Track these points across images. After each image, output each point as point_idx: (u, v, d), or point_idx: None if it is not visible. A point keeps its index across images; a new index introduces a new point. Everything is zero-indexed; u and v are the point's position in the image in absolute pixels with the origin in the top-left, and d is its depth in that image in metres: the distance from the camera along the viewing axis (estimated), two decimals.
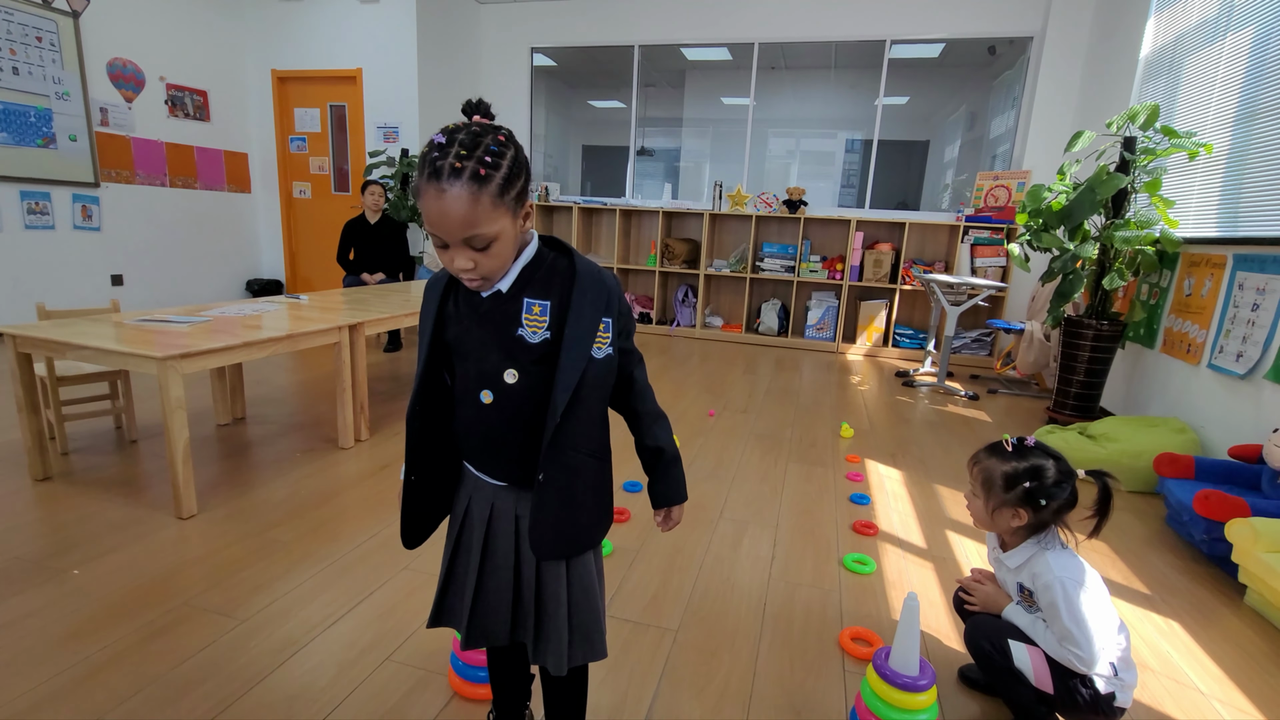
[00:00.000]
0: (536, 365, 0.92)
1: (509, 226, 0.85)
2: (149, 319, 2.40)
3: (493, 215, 0.82)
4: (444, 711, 1.30)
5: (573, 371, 0.89)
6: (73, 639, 1.47)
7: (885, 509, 2.39)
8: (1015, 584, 1.29)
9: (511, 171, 0.83)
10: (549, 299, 0.91)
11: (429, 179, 0.81)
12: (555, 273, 0.93)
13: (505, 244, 0.86)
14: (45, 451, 2.27)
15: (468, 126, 0.84)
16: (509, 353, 0.92)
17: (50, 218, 4.58)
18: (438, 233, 0.83)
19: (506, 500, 0.98)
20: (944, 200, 6.20)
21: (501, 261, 0.88)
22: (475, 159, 0.80)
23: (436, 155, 0.80)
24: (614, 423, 1.03)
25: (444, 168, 0.80)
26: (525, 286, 0.92)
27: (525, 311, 0.91)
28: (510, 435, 0.94)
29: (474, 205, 0.81)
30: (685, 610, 1.69)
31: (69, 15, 4.53)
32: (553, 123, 6.97)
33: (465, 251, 0.84)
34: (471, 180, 0.80)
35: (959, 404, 4.05)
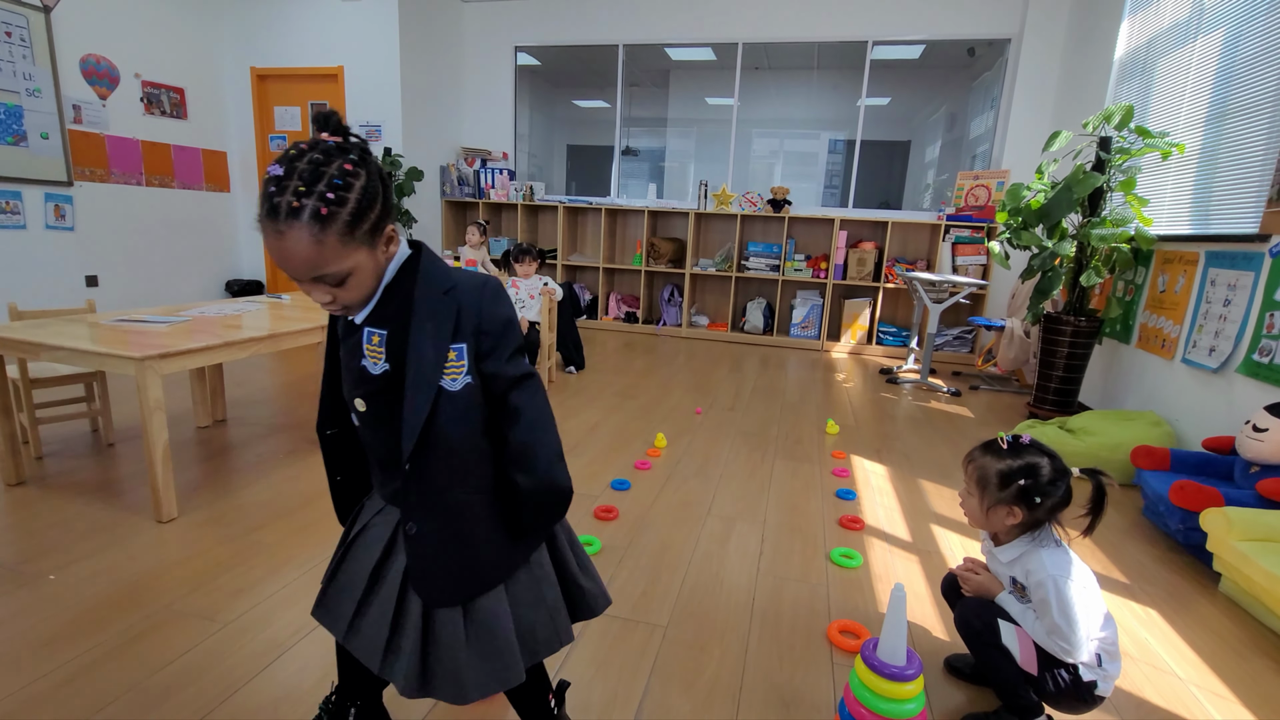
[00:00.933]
0: (381, 396, 0.86)
1: (365, 259, 0.79)
2: (126, 319, 2.36)
3: (341, 254, 0.75)
4: (431, 713, 1.29)
5: (418, 411, 0.82)
6: (49, 645, 1.43)
7: (871, 503, 2.41)
8: (1008, 577, 1.31)
9: (361, 204, 0.75)
10: (385, 328, 0.85)
11: (266, 216, 0.73)
12: (395, 297, 0.85)
13: (363, 276, 0.80)
14: (18, 455, 2.22)
15: (313, 149, 0.75)
16: (356, 382, 0.88)
17: (21, 217, 4.47)
18: (286, 272, 0.77)
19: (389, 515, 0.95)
20: (925, 200, 6.27)
21: (362, 292, 0.82)
22: (316, 195, 0.72)
23: (273, 190, 0.72)
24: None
25: (281, 206, 0.72)
26: (374, 315, 0.86)
27: (365, 341, 0.86)
28: (378, 458, 0.92)
29: (317, 247, 0.73)
30: (675, 606, 1.69)
31: (40, 10, 4.43)
32: (537, 122, 6.94)
33: (320, 287, 0.79)
34: (312, 220, 0.72)
35: (942, 400, 4.10)
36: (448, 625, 0.90)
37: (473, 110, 6.53)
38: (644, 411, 3.46)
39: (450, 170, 6.28)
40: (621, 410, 3.46)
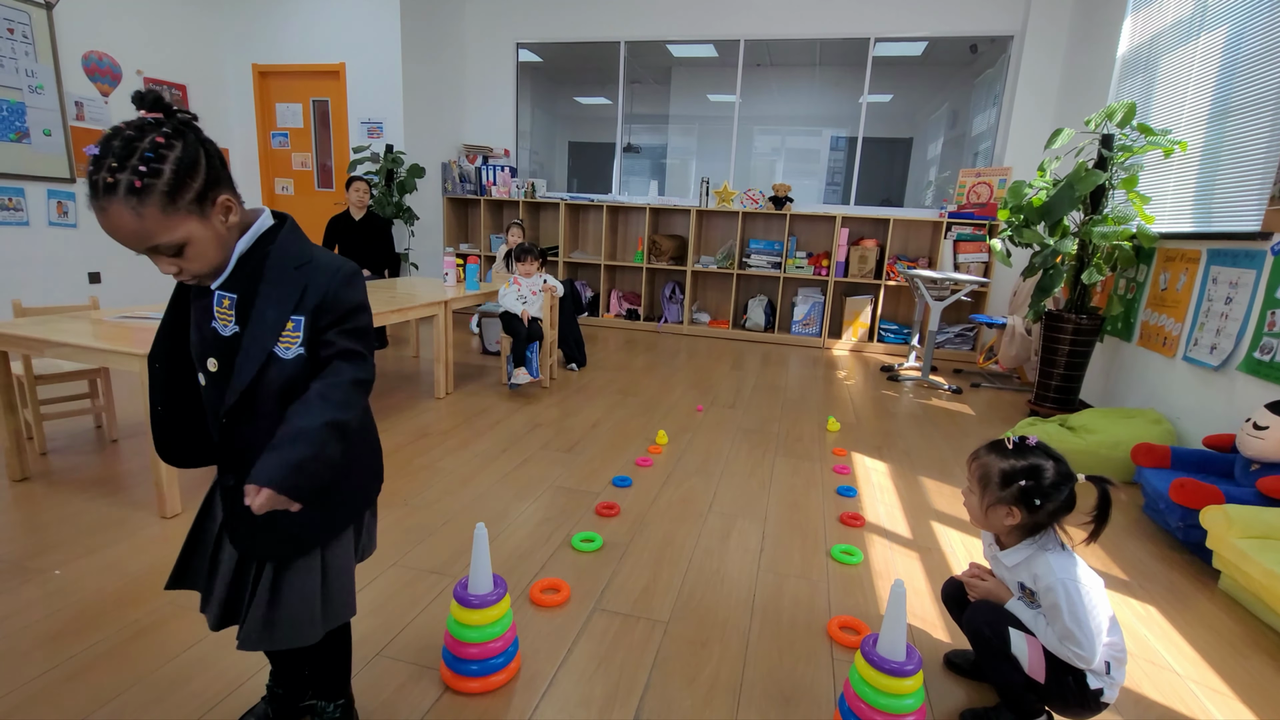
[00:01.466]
0: (232, 357, 0.90)
1: (197, 229, 0.81)
2: (130, 316, 2.37)
3: (166, 224, 0.78)
4: (436, 705, 1.30)
5: (246, 371, 0.87)
6: (55, 640, 1.45)
7: (872, 501, 2.42)
8: (1015, 582, 1.31)
9: (178, 174, 0.77)
10: (236, 292, 0.89)
11: (90, 197, 0.77)
12: (249, 264, 0.89)
13: (202, 246, 0.83)
14: (23, 452, 2.23)
15: (128, 127, 0.77)
16: (206, 342, 0.92)
17: (24, 214, 4.48)
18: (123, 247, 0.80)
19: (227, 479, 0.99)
20: (927, 197, 6.27)
21: (206, 261, 0.85)
22: (129, 170, 0.74)
23: (91, 170, 0.76)
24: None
25: (99, 183, 0.75)
26: (229, 279, 0.89)
27: (216, 304, 0.89)
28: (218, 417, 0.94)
29: (138, 219, 0.76)
30: (675, 603, 1.70)
31: (42, 7, 4.43)
32: (539, 119, 6.94)
33: (161, 259, 0.82)
34: (128, 194, 0.75)
35: (943, 398, 4.10)
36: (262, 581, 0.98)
37: (474, 107, 6.52)
38: (645, 409, 3.46)
39: (452, 167, 6.28)
40: (623, 407, 3.47)
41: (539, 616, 1.61)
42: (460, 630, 1.32)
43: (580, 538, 1.98)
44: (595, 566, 1.86)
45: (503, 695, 1.34)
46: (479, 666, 1.33)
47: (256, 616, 0.96)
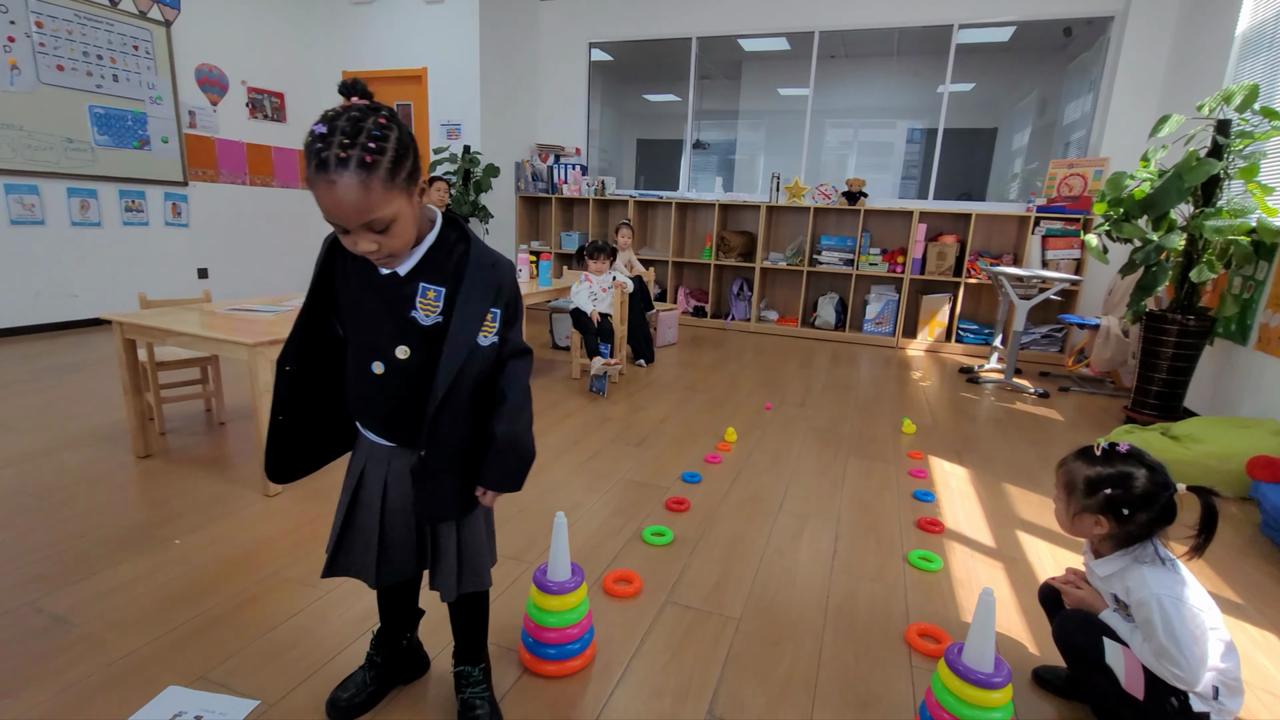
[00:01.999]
0: (427, 345, 0.96)
1: (405, 206, 0.87)
2: (237, 308, 2.56)
3: (386, 199, 0.84)
4: (516, 685, 1.35)
5: (456, 358, 0.94)
6: (177, 601, 1.59)
7: (951, 507, 2.33)
8: (1109, 593, 1.24)
9: (398, 153, 0.84)
10: (444, 285, 0.95)
11: (317, 171, 0.81)
12: (452, 258, 0.96)
13: (405, 223, 0.88)
14: (146, 431, 2.45)
15: (347, 111, 0.83)
16: (402, 331, 0.96)
17: (145, 215, 4.92)
18: (335, 222, 0.85)
19: (401, 459, 1.05)
20: (1012, 190, 5.95)
21: (404, 240, 0.90)
22: (359, 146, 0.80)
23: (320, 146, 0.80)
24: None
25: (329, 159, 0.80)
26: (422, 271, 0.95)
27: (420, 296, 0.95)
28: (400, 405, 0.99)
29: (365, 192, 0.81)
30: (747, 600, 1.69)
31: (162, 25, 4.84)
32: (607, 117, 7.02)
33: (367, 235, 0.86)
34: (359, 168, 0.80)
35: (1028, 402, 3.89)
36: (446, 540, 1.08)
37: (547, 107, 6.66)
38: (713, 405, 3.46)
39: (525, 166, 6.44)
40: (690, 404, 3.48)
41: (612, 606, 1.64)
42: (539, 615, 1.37)
43: (651, 531, 2.00)
44: (666, 560, 1.87)
45: (578, 680, 1.37)
46: (556, 651, 1.37)
47: (450, 568, 1.08)
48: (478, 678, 1.23)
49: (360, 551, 1.10)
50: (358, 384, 1.02)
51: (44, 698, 1.26)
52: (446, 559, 1.08)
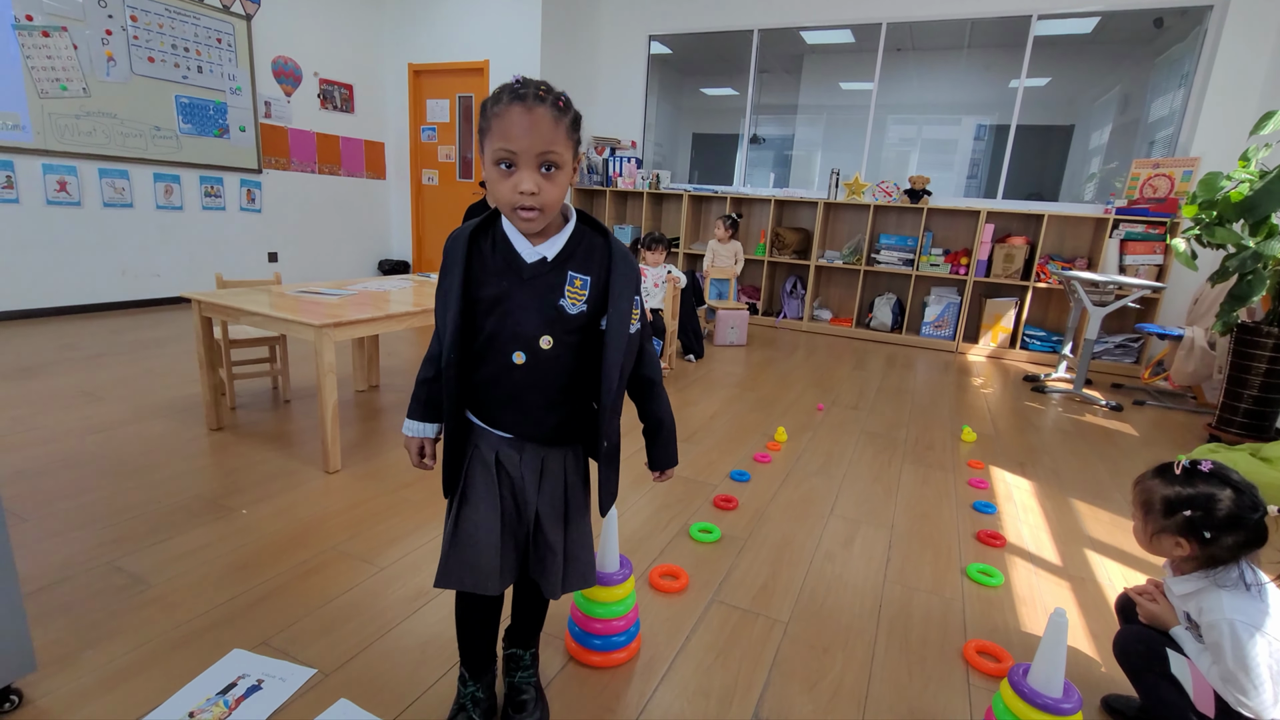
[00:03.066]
0: (571, 335, 0.97)
1: (569, 163, 0.92)
2: (305, 291, 2.66)
3: (566, 142, 0.90)
4: (562, 673, 1.36)
5: (619, 350, 0.96)
6: (244, 569, 1.66)
7: (1013, 520, 2.23)
8: (1182, 611, 1.17)
9: (575, 118, 0.93)
10: (590, 274, 0.97)
11: (514, 100, 0.87)
12: (594, 249, 0.99)
13: (564, 178, 0.92)
14: (219, 405, 2.58)
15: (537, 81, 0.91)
16: (548, 319, 0.96)
17: (222, 200, 5.17)
18: (517, 148, 0.88)
19: (511, 452, 1.03)
20: (1088, 191, 5.64)
21: (558, 194, 0.92)
22: (554, 95, 0.90)
23: (519, 86, 0.88)
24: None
25: (529, 94, 0.88)
26: (569, 259, 0.97)
27: (568, 284, 0.96)
28: (536, 395, 0.99)
29: (555, 126, 0.89)
30: (795, 604, 1.66)
31: (243, 18, 5.06)
32: (663, 110, 6.97)
33: (534, 174, 0.89)
34: (554, 106, 0.89)
35: (1098, 414, 3.69)
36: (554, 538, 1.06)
37: (604, 99, 6.67)
38: (763, 404, 3.40)
39: (580, 158, 6.47)
40: (740, 401, 3.43)
41: (658, 600, 1.64)
42: (587, 605, 1.37)
43: (698, 527, 1.98)
44: (713, 558, 1.85)
45: (623, 673, 1.37)
46: (602, 642, 1.37)
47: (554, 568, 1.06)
48: (527, 662, 1.24)
49: (474, 556, 1.01)
50: (490, 374, 0.99)
51: (122, 651, 1.34)
52: (554, 559, 1.05)
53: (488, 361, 0.99)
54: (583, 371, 1.01)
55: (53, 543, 1.72)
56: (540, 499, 1.04)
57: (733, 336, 4.84)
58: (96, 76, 4.32)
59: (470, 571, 1.01)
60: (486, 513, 1.01)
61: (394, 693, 1.28)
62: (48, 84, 4.11)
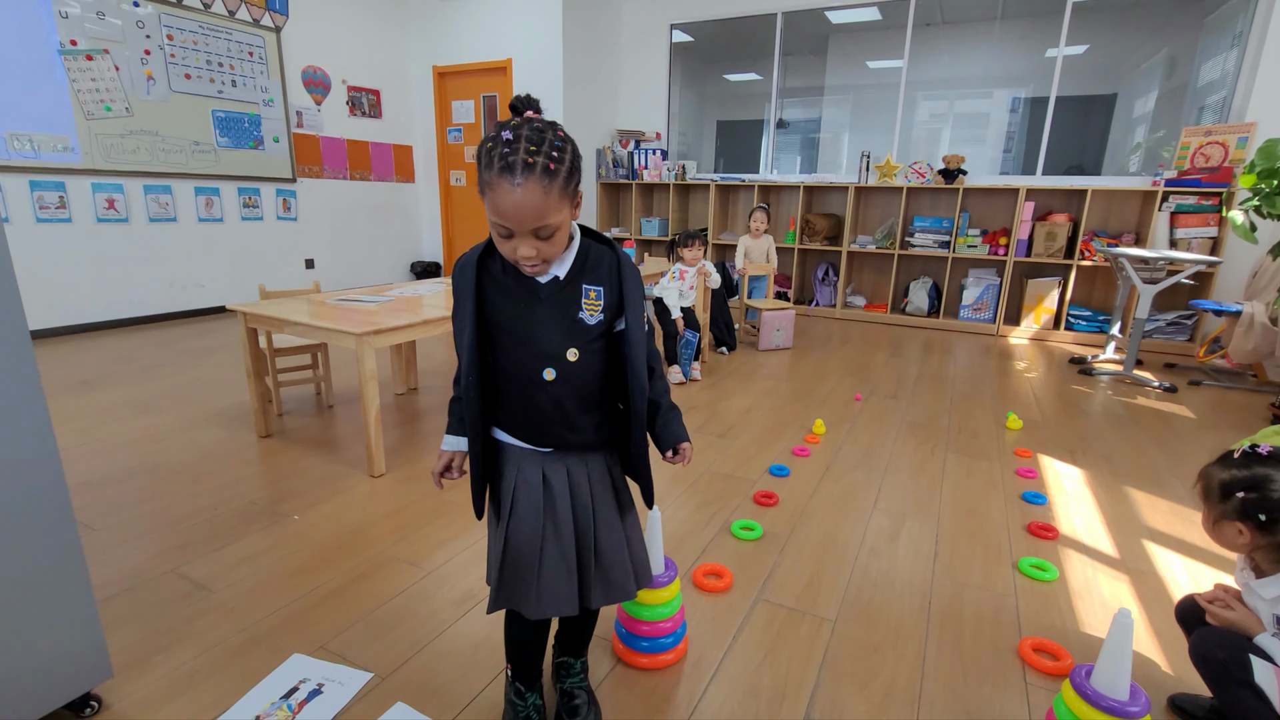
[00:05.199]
0: (594, 344, 1.00)
1: (567, 216, 0.91)
2: (345, 299, 2.71)
3: (559, 206, 0.88)
4: (611, 675, 1.37)
5: (641, 349, 1.01)
6: (297, 575, 1.71)
7: (1066, 511, 2.16)
8: (1271, 615, 1.11)
9: (572, 165, 0.89)
10: (601, 284, 1.00)
11: (501, 173, 0.85)
12: (601, 259, 1.01)
13: (564, 232, 0.92)
14: (267, 412, 2.66)
15: (529, 123, 0.87)
16: (571, 334, 0.98)
17: (260, 210, 5.31)
18: (508, 224, 0.87)
19: (556, 465, 1.04)
20: (1133, 163, 5.40)
21: (559, 247, 0.93)
22: (544, 154, 0.85)
23: (507, 151, 0.84)
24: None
25: (516, 163, 0.84)
26: (579, 273, 0.99)
27: (584, 297, 0.99)
28: (569, 406, 1.01)
29: (545, 198, 0.85)
30: (842, 601, 1.64)
31: (273, 30, 5.17)
32: (687, 99, 6.90)
33: (530, 240, 0.89)
34: (543, 174, 0.84)
35: (1151, 396, 3.55)
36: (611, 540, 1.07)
37: (627, 92, 6.64)
38: (799, 396, 3.36)
39: (605, 153, 6.46)
40: (775, 394, 3.40)
41: (702, 600, 1.63)
42: (633, 607, 1.37)
43: (740, 525, 1.98)
44: (756, 555, 1.84)
45: (671, 674, 1.38)
46: (649, 644, 1.38)
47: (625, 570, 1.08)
48: (578, 670, 1.26)
49: (525, 576, 1.02)
50: (522, 395, 1.01)
51: (190, 657, 1.40)
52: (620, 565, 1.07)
53: (519, 381, 1.00)
54: (609, 375, 1.05)
55: (120, 551, 1.80)
56: (596, 503, 1.06)
57: (779, 340, 4.44)
58: (138, 96, 4.46)
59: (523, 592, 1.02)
60: (530, 531, 1.02)
61: (449, 695, 1.30)
62: (93, 105, 4.26)
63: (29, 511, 1.09)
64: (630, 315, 1.00)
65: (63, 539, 1.14)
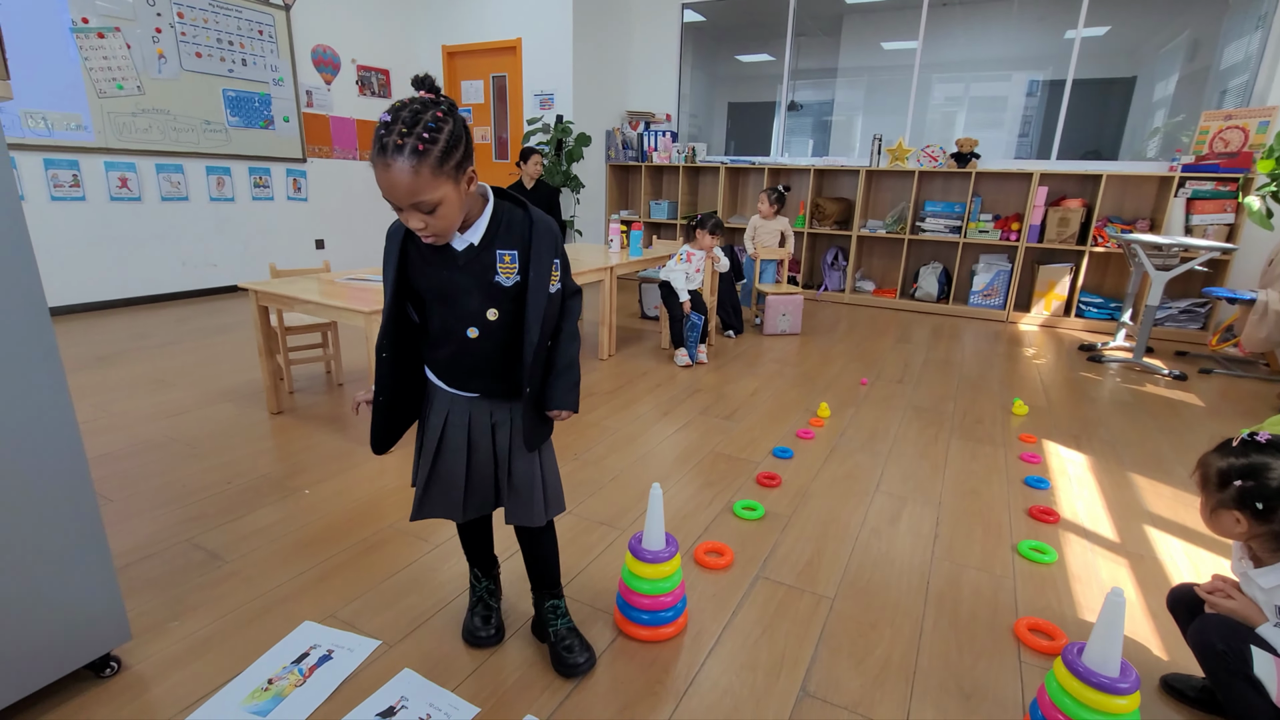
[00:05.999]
0: (512, 304, 1.09)
1: (451, 192, 0.96)
2: (354, 278, 2.74)
3: (433, 184, 0.93)
4: (612, 646, 1.40)
5: (539, 308, 1.07)
6: (308, 546, 1.76)
7: (1068, 495, 2.17)
8: (1273, 605, 1.12)
9: (448, 145, 0.93)
10: (515, 248, 1.08)
11: (377, 154, 0.92)
12: (514, 224, 1.08)
13: (450, 207, 0.97)
14: (278, 390, 2.70)
15: (411, 103, 0.93)
16: (490, 295, 1.08)
17: (270, 190, 5.33)
18: (390, 199, 0.95)
19: (481, 408, 1.19)
20: (1150, 148, 5.31)
21: (448, 222, 0.99)
22: (414, 136, 0.90)
23: (383, 133, 0.91)
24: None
25: (388, 145, 0.91)
26: (494, 239, 1.07)
27: (499, 261, 1.07)
28: (491, 360, 1.13)
29: (414, 177, 0.92)
30: (841, 580, 1.66)
31: (282, 9, 5.15)
32: (698, 80, 6.83)
33: (415, 214, 0.96)
34: (412, 155, 0.90)
35: (1160, 384, 3.54)
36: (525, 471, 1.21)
37: (638, 72, 6.58)
38: (804, 379, 3.37)
39: (615, 134, 6.42)
40: (781, 377, 3.41)
41: (703, 577, 1.66)
42: (634, 581, 1.40)
43: (742, 505, 2.00)
44: (758, 535, 1.87)
45: (671, 647, 1.41)
46: (650, 617, 1.41)
47: (537, 496, 1.22)
48: (563, 609, 1.38)
49: (445, 493, 1.23)
50: (451, 351, 1.13)
51: (205, 623, 1.44)
52: (533, 490, 1.21)
53: (446, 341, 1.12)
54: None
55: (137, 521, 1.85)
56: (512, 441, 1.19)
57: (785, 325, 4.38)
58: (149, 74, 4.48)
59: (445, 507, 1.24)
60: (454, 462, 1.20)
61: (453, 664, 1.34)
62: (105, 84, 4.28)
63: (50, 481, 1.12)
64: (534, 274, 1.07)
65: (82, 507, 1.18)
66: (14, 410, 1.06)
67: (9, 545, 1.08)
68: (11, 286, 1.05)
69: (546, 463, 1.25)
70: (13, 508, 1.08)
